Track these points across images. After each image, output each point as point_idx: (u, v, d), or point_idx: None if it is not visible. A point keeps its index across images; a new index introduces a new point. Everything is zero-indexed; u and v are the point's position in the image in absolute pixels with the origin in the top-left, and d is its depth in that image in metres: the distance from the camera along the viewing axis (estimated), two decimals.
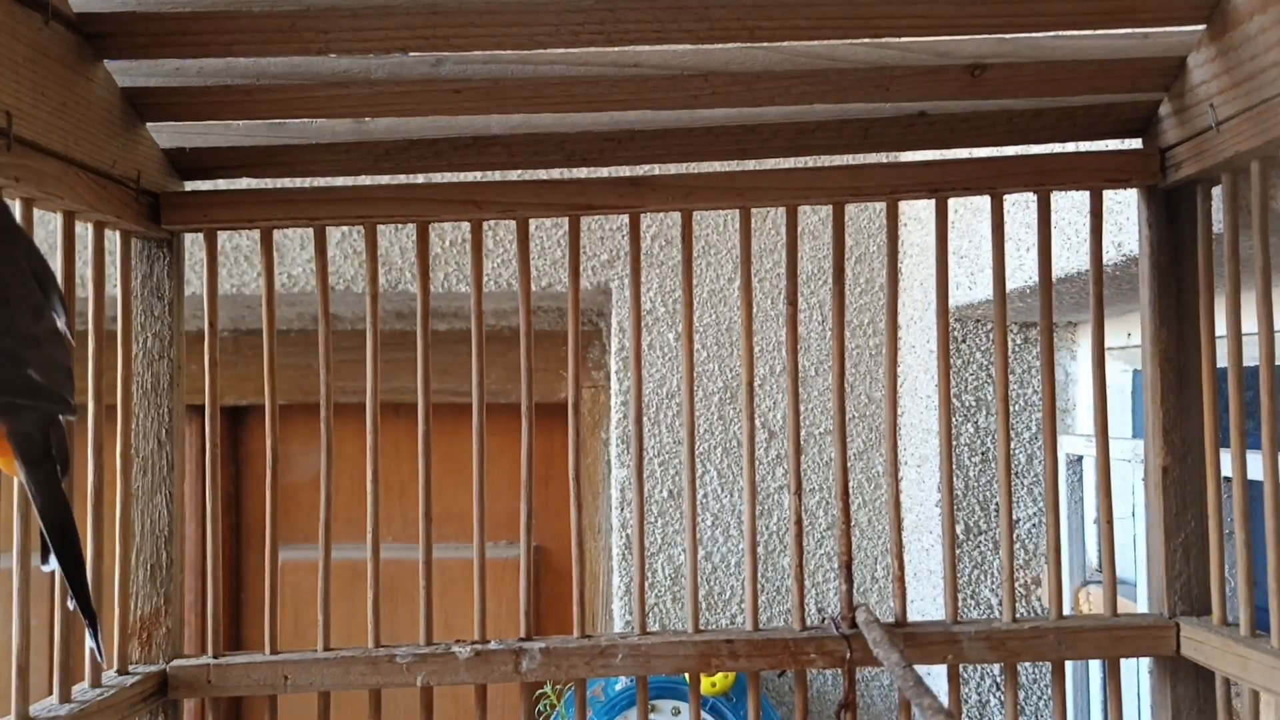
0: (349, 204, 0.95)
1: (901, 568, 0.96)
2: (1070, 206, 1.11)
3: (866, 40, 0.85)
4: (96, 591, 0.86)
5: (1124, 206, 1.01)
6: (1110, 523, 0.93)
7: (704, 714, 1.58)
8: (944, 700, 0.97)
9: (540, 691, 1.76)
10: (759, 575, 1.43)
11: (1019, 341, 1.59)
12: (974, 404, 1.61)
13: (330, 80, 0.87)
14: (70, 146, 0.77)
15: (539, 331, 1.94)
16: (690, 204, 0.95)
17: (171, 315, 0.97)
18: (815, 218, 1.81)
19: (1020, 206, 1.23)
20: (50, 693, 0.81)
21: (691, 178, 0.95)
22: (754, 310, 1.10)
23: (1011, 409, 1.58)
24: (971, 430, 1.61)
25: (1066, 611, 1.46)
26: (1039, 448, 1.58)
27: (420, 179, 1.03)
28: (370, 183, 0.99)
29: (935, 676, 1.61)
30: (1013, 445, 1.59)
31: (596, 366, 1.98)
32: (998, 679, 1.61)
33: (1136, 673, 1.29)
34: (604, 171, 1.34)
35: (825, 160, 1.22)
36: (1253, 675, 0.79)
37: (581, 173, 1.40)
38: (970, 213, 1.40)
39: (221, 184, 1.01)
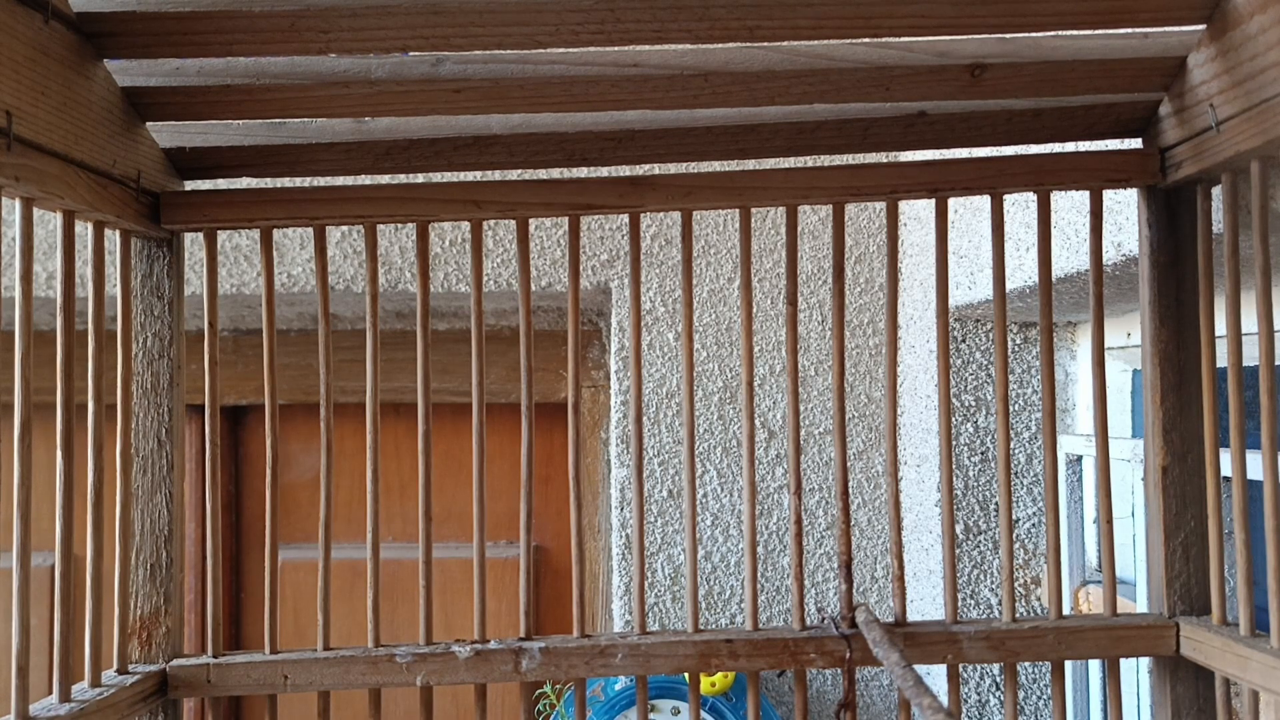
0: (349, 204, 0.95)
1: (901, 567, 0.96)
2: (1070, 206, 1.11)
3: (866, 40, 0.85)
4: (96, 591, 0.86)
5: (1124, 206, 1.01)
6: (1110, 523, 0.93)
7: (704, 714, 1.58)
8: (944, 700, 0.97)
9: (540, 691, 1.76)
10: (759, 575, 1.43)
11: (1019, 341, 1.59)
12: (974, 404, 1.61)
13: (330, 80, 0.87)
14: (70, 146, 0.77)
15: (539, 331, 1.94)
16: (690, 204, 0.95)
17: (171, 315, 0.97)
18: (815, 218, 1.81)
19: (1020, 206, 1.23)
20: (50, 692, 0.82)
21: (691, 178, 0.95)
22: (754, 310, 1.10)
23: (1011, 409, 1.58)
24: (971, 430, 1.61)
25: (1066, 611, 1.46)
26: (1039, 447, 1.58)
27: (420, 179, 1.03)
28: (370, 182, 0.99)
29: (935, 676, 1.61)
30: (1012, 445, 1.59)
31: (596, 366, 1.98)
32: (997, 679, 1.61)
33: (1136, 673, 1.29)
34: (604, 171, 1.34)
35: (825, 160, 1.23)
36: (1252, 675, 0.80)
37: (581, 172, 1.40)
38: (970, 213, 1.40)
39: (221, 183, 1.01)
